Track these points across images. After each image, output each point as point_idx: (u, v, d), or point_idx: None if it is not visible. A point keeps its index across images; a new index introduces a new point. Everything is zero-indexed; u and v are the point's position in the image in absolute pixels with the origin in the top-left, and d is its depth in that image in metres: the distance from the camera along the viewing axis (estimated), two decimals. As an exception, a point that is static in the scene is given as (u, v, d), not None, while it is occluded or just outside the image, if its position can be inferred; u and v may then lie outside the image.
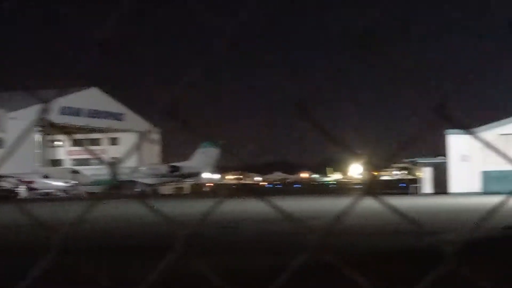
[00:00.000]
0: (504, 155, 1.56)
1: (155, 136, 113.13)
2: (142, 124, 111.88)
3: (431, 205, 37.58)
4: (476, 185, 63.88)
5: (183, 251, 1.71)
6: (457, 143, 64.69)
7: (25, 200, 69.20)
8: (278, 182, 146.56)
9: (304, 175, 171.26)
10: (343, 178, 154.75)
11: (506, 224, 15.68)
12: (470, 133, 1.58)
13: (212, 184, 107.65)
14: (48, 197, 74.38)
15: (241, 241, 17.83)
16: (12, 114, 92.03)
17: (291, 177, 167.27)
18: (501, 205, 1.47)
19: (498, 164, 58.81)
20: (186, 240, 1.72)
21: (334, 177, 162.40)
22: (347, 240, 16.31)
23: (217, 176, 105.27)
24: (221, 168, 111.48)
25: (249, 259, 13.29)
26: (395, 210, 1.58)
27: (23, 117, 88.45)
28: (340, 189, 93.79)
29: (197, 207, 35.28)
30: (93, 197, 70.89)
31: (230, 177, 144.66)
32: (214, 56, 1.64)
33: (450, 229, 18.37)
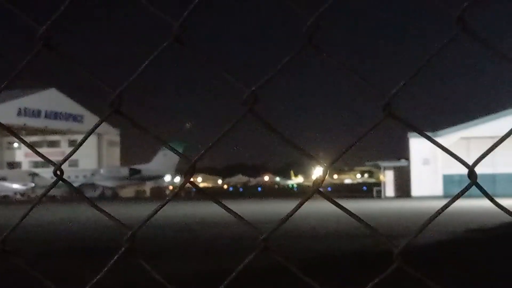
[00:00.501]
0: (458, 158, 1.58)
1: (115, 137, 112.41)
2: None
3: (389, 208, 37.92)
4: (438, 189, 64.55)
5: (129, 253, 1.70)
6: (419, 146, 65.30)
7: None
8: (240, 185, 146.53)
9: (266, 178, 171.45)
10: (305, 182, 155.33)
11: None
12: (422, 135, 1.60)
13: (172, 188, 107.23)
14: (4, 200, 73.46)
15: (194, 244, 17.80)
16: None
17: (253, 180, 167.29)
18: (444, 208, 1.49)
19: (460, 168, 59.51)
20: (131, 243, 1.71)
21: (297, 180, 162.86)
22: (299, 243, 16.41)
23: (178, 179, 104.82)
24: (182, 170, 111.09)
25: (198, 262, 13.29)
26: (344, 209, 1.60)
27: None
28: (302, 192, 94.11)
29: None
30: (54, 200, 70.21)
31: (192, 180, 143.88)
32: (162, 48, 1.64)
33: (404, 233, 18.57)
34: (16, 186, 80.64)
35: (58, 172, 1.88)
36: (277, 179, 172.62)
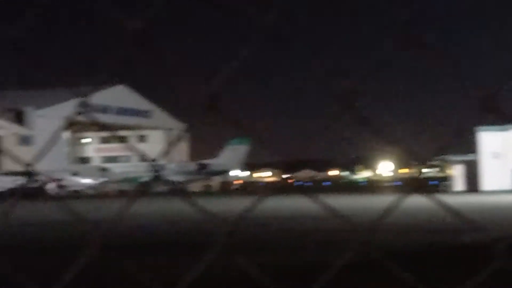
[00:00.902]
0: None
1: (183, 133, 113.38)
2: (169, 121, 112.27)
3: (465, 203, 37.15)
4: (508, 183, 63.18)
5: (225, 248, 1.65)
6: (489, 140, 64.05)
7: (55, 197, 69.67)
8: (307, 180, 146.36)
9: (333, 172, 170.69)
10: (372, 176, 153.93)
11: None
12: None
13: (241, 182, 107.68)
14: (77, 195, 74.88)
15: (284, 238, 17.74)
16: (40, 112, 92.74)
17: (320, 175, 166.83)
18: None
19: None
20: (227, 237, 1.66)
21: (364, 174, 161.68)
22: (394, 238, 16.10)
23: (245, 174, 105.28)
24: (249, 165, 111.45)
25: (292, 257, 13.20)
26: (447, 208, 1.49)
27: (51, 114, 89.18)
28: (371, 187, 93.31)
29: (233, 204, 35.29)
30: (124, 195, 71.28)
31: (259, 175, 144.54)
32: (250, 48, 1.57)
33: (494, 227, 18.04)
34: (87, 181, 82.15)
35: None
36: (344, 173, 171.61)
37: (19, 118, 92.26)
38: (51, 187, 76.74)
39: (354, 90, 1.49)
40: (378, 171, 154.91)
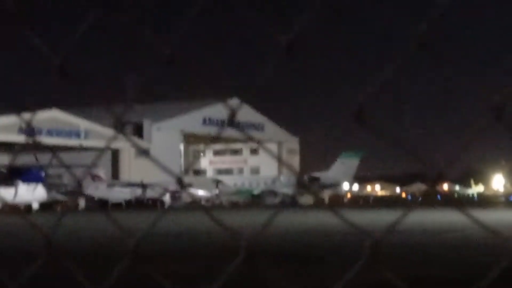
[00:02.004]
0: None
1: (295, 145, 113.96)
2: (281, 134, 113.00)
3: None
4: None
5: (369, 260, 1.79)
6: None
7: (170, 208, 71.34)
8: (419, 194, 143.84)
9: (445, 186, 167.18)
10: (485, 191, 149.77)
11: None
12: None
13: (351, 195, 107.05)
14: (191, 206, 76.31)
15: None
16: (157, 125, 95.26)
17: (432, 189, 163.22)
18: None
19: None
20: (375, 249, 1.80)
21: (477, 189, 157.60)
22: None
23: (355, 187, 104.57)
24: (360, 178, 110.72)
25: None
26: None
27: (168, 127, 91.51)
28: (483, 201, 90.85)
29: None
30: (237, 207, 72.14)
31: (370, 188, 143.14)
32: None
33: None
34: (201, 192, 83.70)
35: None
36: (457, 187, 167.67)
37: (138, 131, 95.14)
38: (166, 198, 78.59)
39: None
40: (492, 185, 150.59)
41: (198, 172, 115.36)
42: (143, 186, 77.15)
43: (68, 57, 2.31)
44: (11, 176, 54.54)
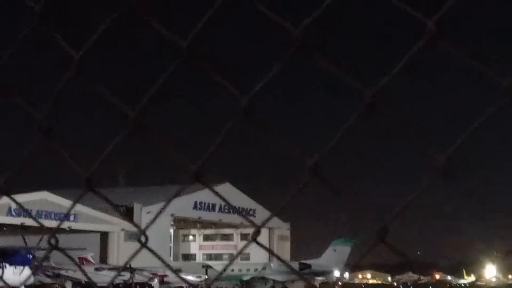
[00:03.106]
0: None
1: (286, 232, 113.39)
2: (272, 220, 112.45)
3: None
4: None
5: None
6: None
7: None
8: (411, 283, 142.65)
9: (437, 276, 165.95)
10: (477, 281, 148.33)
11: None
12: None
13: (342, 283, 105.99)
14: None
15: None
16: (147, 208, 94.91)
17: (424, 278, 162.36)
18: None
19: None
20: None
21: (469, 279, 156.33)
22: None
23: (347, 275, 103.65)
24: (352, 266, 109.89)
25: None
26: None
27: (157, 211, 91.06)
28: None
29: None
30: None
31: (361, 276, 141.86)
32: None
33: None
34: (190, 277, 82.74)
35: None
36: (449, 277, 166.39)
37: (128, 214, 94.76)
38: (154, 283, 77.64)
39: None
40: (484, 275, 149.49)
41: (188, 257, 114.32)
42: (132, 270, 76.30)
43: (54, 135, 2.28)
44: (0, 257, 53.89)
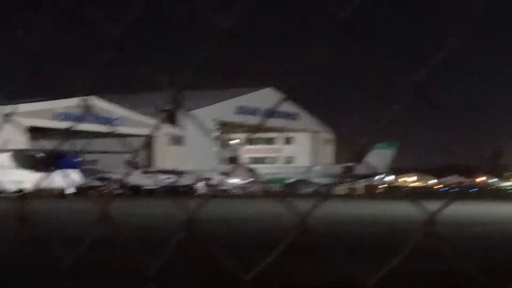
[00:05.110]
0: None
1: (330, 136, 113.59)
2: (315, 124, 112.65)
3: None
4: None
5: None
6: None
7: (205, 196, 71.52)
8: (454, 186, 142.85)
9: (480, 179, 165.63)
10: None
11: None
12: None
13: (385, 186, 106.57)
14: (224, 194, 76.54)
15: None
16: (192, 112, 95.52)
17: (467, 181, 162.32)
18: None
19: None
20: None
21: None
22: None
23: (391, 178, 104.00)
24: (395, 169, 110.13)
25: None
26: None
27: (202, 115, 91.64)
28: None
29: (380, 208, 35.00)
30: (270, 195, 72.24)
31: (404, 179, 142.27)
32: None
33: None
34: (235, 180, 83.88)
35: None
36: (493, 180, 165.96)
37: (171, 118, 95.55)
38: (200, 186, 78.88)
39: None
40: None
41: (233, 161, 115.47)
42: (178, 172, 77.52)
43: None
44: (48, 161, 55.03)
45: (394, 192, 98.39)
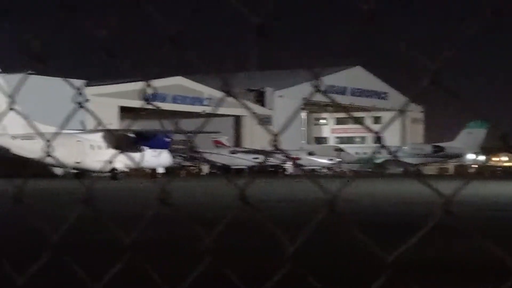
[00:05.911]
0: None
1: (419, 115, 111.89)
2: (405, 102, 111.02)
3: None
4: None
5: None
6: None
7: (293, 175, 71.69)
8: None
9: None
10: None
11: None
12: None
13: (476, 166, 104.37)
14: (312, 174, 76.50)
15: None
16: (280, 92, 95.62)
17: None
18: None
19: None
20: None
21: None
22: None
23: (482, 158, 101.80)
24: (487, 149, 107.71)
25: None
26: None
27: (290, 95, 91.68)
28: None
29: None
30: (359, 175, 71.89)
31: (497, 159, 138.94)
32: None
33: None
34: (323, 160, 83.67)
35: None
36: None
37: (259, 98, 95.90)
38: (288, 166, 79.07)
39: None
40: None
41: (320, 140, 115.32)
42: (266, 152, 77.89)
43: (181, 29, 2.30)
44: (138, 141, 56.12)
45: (486, 173, 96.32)
